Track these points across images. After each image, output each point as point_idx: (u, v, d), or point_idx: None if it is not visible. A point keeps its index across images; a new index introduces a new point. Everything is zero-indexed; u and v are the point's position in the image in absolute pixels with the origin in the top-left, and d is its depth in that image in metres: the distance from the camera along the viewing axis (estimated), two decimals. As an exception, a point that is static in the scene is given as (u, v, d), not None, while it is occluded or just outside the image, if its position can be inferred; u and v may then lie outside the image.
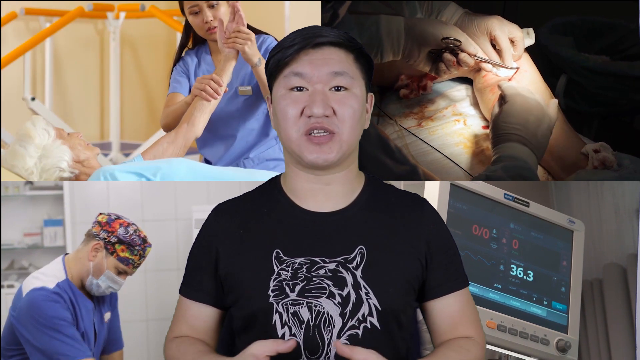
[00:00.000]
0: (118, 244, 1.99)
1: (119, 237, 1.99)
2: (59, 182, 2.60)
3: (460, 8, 2.13)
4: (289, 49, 1.32)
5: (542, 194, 2.46)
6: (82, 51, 4.58)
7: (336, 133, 1.30)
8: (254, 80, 2.29)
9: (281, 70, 1.33)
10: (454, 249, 1.42)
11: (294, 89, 1.32)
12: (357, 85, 1.33)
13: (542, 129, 1.86)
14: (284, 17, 4.02)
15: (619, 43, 2.22)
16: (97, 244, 1.99)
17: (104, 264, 1.99)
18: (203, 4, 2.22)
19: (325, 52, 1.32)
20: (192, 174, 1.99)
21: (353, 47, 1.34)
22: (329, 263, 1.31)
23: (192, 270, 1.43)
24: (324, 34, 1.32)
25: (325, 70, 1.31)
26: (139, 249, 2.01)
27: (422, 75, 2.14)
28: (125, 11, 4.35)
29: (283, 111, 1.32)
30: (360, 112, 1.33)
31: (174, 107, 2.27)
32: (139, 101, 4.71)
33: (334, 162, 1.32)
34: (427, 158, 2.00)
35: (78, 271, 2.00)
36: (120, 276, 2.02)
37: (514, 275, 1.95)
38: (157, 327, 3.06)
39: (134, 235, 2.01)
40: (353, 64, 1.34)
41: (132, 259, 2.01)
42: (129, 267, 2.01)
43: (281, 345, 1.24)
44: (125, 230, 2.00)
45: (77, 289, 1.99)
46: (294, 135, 1.31)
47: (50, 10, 4.27)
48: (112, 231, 2.00)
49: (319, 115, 1.29)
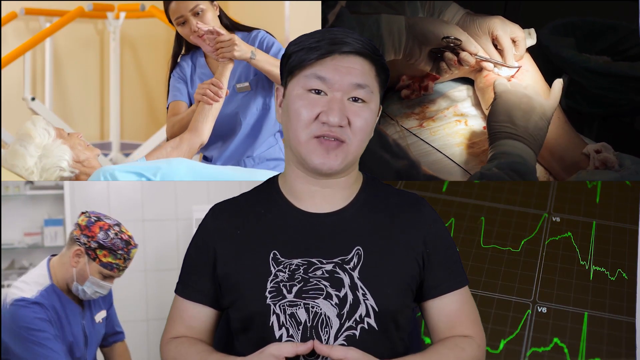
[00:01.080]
0: (99, 249, 1.88)
1: (99, 242, 1.87)
2: (60, 182, 2.60)
3: (461, 8, 2.13)
4: (315, 51, 1.30)
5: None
6: (82, 51, 4.57)
7: (346, 143, 1.30)
8: (250, 76, 2.29)
9: (302, 69, 1.31)
10: (452, 248, 1.41)
11: (312, 91, 1.30)
12: (374, 99, 1.33)
13: (533, 120, 1.85)
14: (284, 17, 4.02)
15: (619, 44, 2.21)
16: (78, 250, 1.89)
17: (87, 270, 1.89)
18: (188, 14, 2.20)
19: (350, 60, 1.31)
20: (192, 174, 1.99)
21: (377, 60, 1.34)
22: (326, 264, 1.30)
23: (189, 270, 1.43)
24: (351, 42, 1.31)
25: (348, 80, 1.30)
26: (122, 252, 1.89)
27: (423, 76, 2.14)
28: (125, 11, 4.35)
29: (297, 111, 1.31)
30: (372, 125, 1.34)
31: (179, 117, 2.27)
32: (139, 101, 4.71)
33: (338, 170, 1.32)
34: (428, 158, 1.99)
35: (63, 276, 1.92)
36: (107, 280, 1.92)
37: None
38: (157, 327, 3.05)
39: (115, 239, 1.88)
40: (374, 78, 1.34)
41: (115, 263, 1.89)
42: (113, 272, 1.91)
43: (300, 346, 1.24)
44: (105, 235, 1.88)
45: (64, 293, 1.92)
46: (303, 138, 1.30)
47: (50, 10, 4.26)
48: (91, 236, 1.88)
49: (334, 124, 1.28)
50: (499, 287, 2.05)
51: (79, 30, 4.49)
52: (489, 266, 2.10)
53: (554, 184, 2.27)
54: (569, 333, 1.95)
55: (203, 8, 2.20)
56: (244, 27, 2.36)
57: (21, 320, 1.81)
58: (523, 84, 1.99)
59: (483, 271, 2.09)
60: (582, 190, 2.28)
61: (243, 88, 2.31)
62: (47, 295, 1.87)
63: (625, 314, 2.00)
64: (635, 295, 1.93)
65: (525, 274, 2.07)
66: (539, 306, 2.01)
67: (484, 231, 2.18)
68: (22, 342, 1.80)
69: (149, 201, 3.09)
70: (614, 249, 2.14)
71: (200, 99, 2.13)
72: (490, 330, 1.97)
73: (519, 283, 2.05)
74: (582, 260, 2.11)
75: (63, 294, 1.92)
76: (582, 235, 2.18)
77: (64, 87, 4.53)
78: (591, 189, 2.29)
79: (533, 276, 2.07)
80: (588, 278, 2.08)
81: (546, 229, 2.19)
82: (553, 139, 1.92)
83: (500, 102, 1.89)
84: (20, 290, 1.86)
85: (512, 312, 2.00)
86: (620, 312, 2.00)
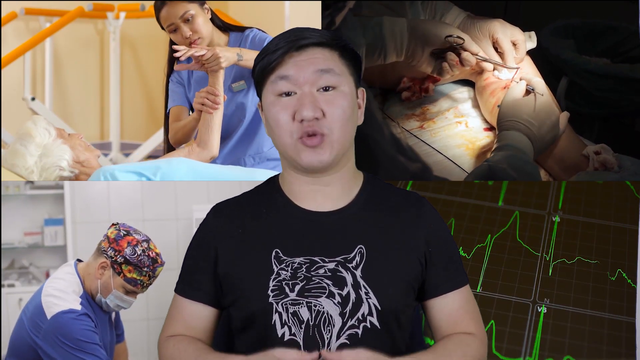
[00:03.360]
0: (125, 265, 1.87)
1: (125, 257, 1.87)
2: (60, 182, 2.60)
3: (462, 11, 2.13)
4: (273, 53, 1.31)
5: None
6: (82, 51, 4.57)
7: (326, 134, 1.30)
8: (245, 74, 2.29)
9: (267, 75, 1.33)
10: (453, 247, 1.42)
11: (282, 95, 1.31)
12: (345, 82, 1.33)
13: (550, 136, 1.87)
14: (284, 17, 4.02)
15: (620, 45, 2.22)
16: (104, 262, 1.89)
17: (111, 284, 1.88)
18: (178, 21, 2.20)
19: (309, 52, 1.31)
20: (192, 174, 1.99)
21: (337, 44, 1.33)
22: (329, 263, 1.31)
23: (190, 269, 1.43)
24: (307, 36, 1.32)
25: (311, 69, 1.30)
26: (148, 270, 1.89)
27: (424, 78, 2.14)
28: (125, 11, 4.35)
29: (274, 118, 1.32)
30: (350, 110, 1.32)
31: (182, 124, 2.27)
32: (139, 101, 4.71)
33: (329, 162, 1.32)
34: (429, 160, 2.00)
35: (89, 285, 1.91)
36: (130, 295, 1.91)
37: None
38: (157, 326, 3.05)
39: (142, 256, 1.88)
40: (339, 61, 1.33)
41: (140, 279, 1.89)
42: (137, 288, 1.90)
43: (306, 355, 1.24)
44: (132, 251, 1.87)
45: (93, 301, 1.91)
46: (288, 141, 1.31)
47: (50, 10, 4.27)
48: (119, 250, 1.88)
49: (309, 118, 1.28)
50: (499, 287, 2.05)
51: (79, 30, 4.49)
52: (489, 266, 2.10)
53: (554, 184, 2.27)
54: (569, 333, 1.96)
55: (193, 14, 2.19)
56: (237, 28, 2.36)
57: (74, 333, 1.79)
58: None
59: (483, 271, 2.09)
60: (582, 190, 2.29)
61: (239, 87, 2.32)
62: (86, 305, 1.86)
63: (625, 314, 2.00)
64: (635, 295, 1.94)
65: (525, 274, 2.08)
66: (539, 306, 2.02)
67: (483, 231, 2.18)
68: (72, 353, 1.78)
69: (149, 201, 3.10)
70: (614, 249, 2.15)
71: (200, 108, 2.13)
72: (490, 330, 1.97)
73: (519, 283, 2.06)
74: (582, 260, 2.12)
75: (95, 303, 1.91)
76: (582, 235, 2.18)
77: (64, 87, 4.53)
78: (591, 189, 2.30)
79: (533, 276, 2.07)
80: (588, 278, 2.08)
81: (546, 229, 2.19)
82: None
83: (541, 100, 1.90)
84: (63, 301, 1.83)
85: (512, 312, 2.01)
86: (620, 312, 2.00)
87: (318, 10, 2.08)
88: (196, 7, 2.21)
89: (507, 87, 2.02)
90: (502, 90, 2.02)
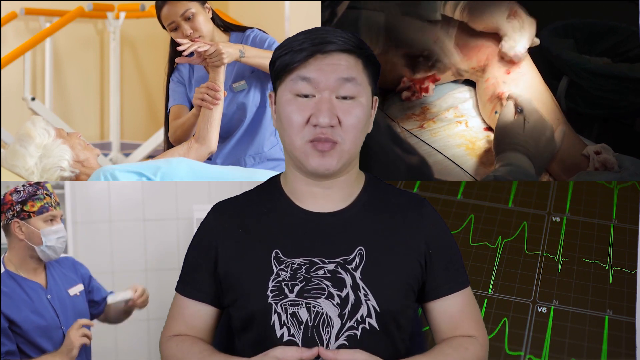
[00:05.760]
0: (23, 206, 1.90)
1: (17, 201, 1.90)
2: (60, 182, 2.60)
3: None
4: (298, 53, 1.29)
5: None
6: (82, 51, 4.57)
7: (339, 143, 1.29)
8: (246, 74, 2.29)
9: (289, 73, 1.31)
10: (454, 249, 1.42)
11: (300, 96, 1.30)
12: (364, 92, 1.32)
13: (548, 152, 1.87)
14: (284, 17, 4.02)
15: (619, 45, 2.22)
16: (14, 223, 1.91)
17: (33, 229, 1.90)
18: (179, 19, 2.20)
19: (334, 58, 1.30)
20: (192, 174, 1.99)
21: (361, 53, 1.32)
22: (328, 264, 1.31)
23: (190, 268, 1.43)
24: (334, 40, 1.30)
25: (334, 76, 1.29)
26: (41, 192, 1.92)
27: (423, 78, 2.15)
28: (125, 11, 4.35)
29: (288, 117, 1.30)
30: (365, 120, 1.32)
31: (181, 121, 2.27)
32: (139, 101, 4.71)
33: (335, 170, 1.31)
34: (429, 159, 2.00)
35: (18, 255, 1.93)
36: (54, 223, 1.93)
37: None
38: (158, 326, 3.04)
39: (25, 189, 1.91)
40: (362, 70, 1.32)
41: (45, 202, 1.91)
42: (51, 210, 1.92)
43: (305, 352, 1.24)
44: (17, 194, 1.91)
45: (22, 275, 1.92)
46: (298, 143, 1.30)
47: (50, 10, 4.26)
48: (10, 203, 1.91)
49: (324, 125, 1.27)
50: (499, 287, 2.06)
51: (79, 30, 4.49)
52: (489, 266, 2.10)
53: (554, 184, 2.28)
54: (569, 333, 1.96)
55: (194, 12, 2.19)
56: (238, 28, 2.35)
57: None
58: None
59: (483, 271, 2.09)
60: (582, 190, 2.29)
61: (240, 87, 2.32)
62: (3, 282, 1.88)
63: (625, 314, 2.00)
64: (635, 295, 1.94)
65: (525, 274, 2.08)
66: (539, 306, 2.02)
67: (483, 231, 2.18)
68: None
69: (150, 201, 3.09)
70: (614, 249, 2.15)
71: (200, 104, 2.12)
72: (490, 330, 1.97)
73: (519, 283, 2.06)
74: (582, 260, 2.12)
75: (19, 275, 1.92)
76: (582, 235, 2.18)
77: (64, 87, 4.53)
78: (591, 189, 2.30)
79: (533, 276, 2.08)
80: (588, 278, 2.08)
81: (546, 229, 2.19)
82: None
83: (531, 119, 1.90)
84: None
85: (512, 312, 2.01)
86: (620, 312, 2.00)
87: (318, 10, 2.08)
88: (197, 5, 2.21)
89: (501, 96, 2.02)
90: (497, 99, 2.03)
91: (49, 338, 1.91)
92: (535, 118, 1.91)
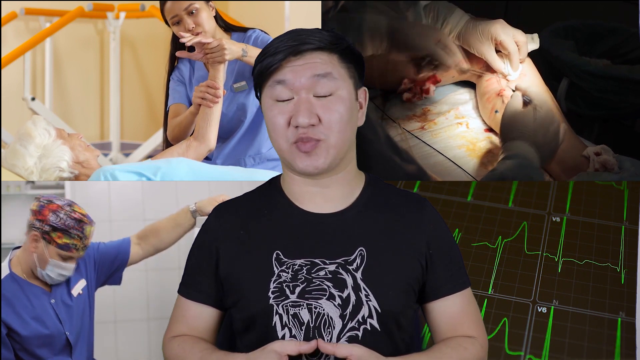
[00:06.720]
0: (53, 232, 1.89)
1: (51, 224, 1.88)
2: (60, 182, 2.60)
3: (465, 14, 2.13)
4: (273, 57, 1.30)
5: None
6: (82, 51, 4.57)
7: (322, 140, 1.29)
8: (247, 74, 2.29)
9: (266, 79, 1.32)
10: (454, 249, 1.42)
11: (280, 101, 1.30)
12: (344, 86, 1.31)
13: (554, 143, 1.88)
14: (284, 17, 4.02)
15: (619, 47, 2.22)
16: (34, 235, 1.91)
17: (46, 254, 1.90)
18: (182, 14, 2.20)
19: (307, 57, 1.30)
20: (192, 174, 1.99)
21: (336, 47, 1.32)
22: (329, 264, 1.31)
23: (192, 270, 1.43)
24: (307, 41, 1.30)
25: (308, 74, 1.29)
26: (76, 232, 1.90)
27: (424, 79, 2.15)
28: (125, 11, 4.35)
29: (271, 122, 1.31)
30: (348, 114, 1.31)
31: (179, 119, 2.27)
32: (139, 101, 4.71)
33: (324, 168, 1.31)
34: (430, 160, 2.00)
35: (26, 262, 1.94)
36: (67, 262, 1.92)
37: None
38: (158, 327, 3.05)
39: (66, 219, 1.89)
40: (338, 64, 1.31)
41: (72, 243, 1.90)
42: (72, 252, 1.91)
43: (304, 345, 1.24)
44: (55, 217, 1.89)
45: (26, 279, 1.93)
46: (284, 145, 1.31)
47: (50, 10, 4.26)
48: (43, 219, 1.89)
49: (304, 125, 1.28)
50: (499, 287, 2.06)
51: (79, 30, 4.49)
52: (489, 266, 2.10)
53: (554, 184, 2.28)
54: (569, 333, 1.96)
55: (197, 7, 2.19)
56: (240, 28, 2.36)
57: None
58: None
59: (483, 271, 2.09)
60: (582, 191, 2.29)
61: (240, 87, 2.32)
62: (5, 284, 1.89)
63: (625, 314, 2.01)
64: (635, 295, 1.94)
65: (525, 274, 2.08)
66: (539, 306, 2.02)
67: (483, 231, 2.18)
68: None
69: (150, 201, 3.10)
70: (614, 249, 2.15)
71: (199, 102, 2.13)
72: (490, 330, 1.97)
73: (519, 283, 2.06)
74: (582, 260, 2.12)
75: (23, 279, 1.93)
76: (582, 235, 2.19)
77: (64, 87, 4.53)
78: (591, 189, 2.30)
79: (533, 276, 2.08)
80: (588, 278, 2.09)
81: (546, 229, 2.20)
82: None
83: (542, 110, 1.91)
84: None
85: (512, 312, 2.01)
86: (620, 312, 2.01)
87: (318, 10, 2.08)
88: (202, 2, 2.22)
89: (501, 94, 2.02)
90: (496, 97, 2.03)
91: (50, 346, 1.91)
92: (546, 108, 1.92)
